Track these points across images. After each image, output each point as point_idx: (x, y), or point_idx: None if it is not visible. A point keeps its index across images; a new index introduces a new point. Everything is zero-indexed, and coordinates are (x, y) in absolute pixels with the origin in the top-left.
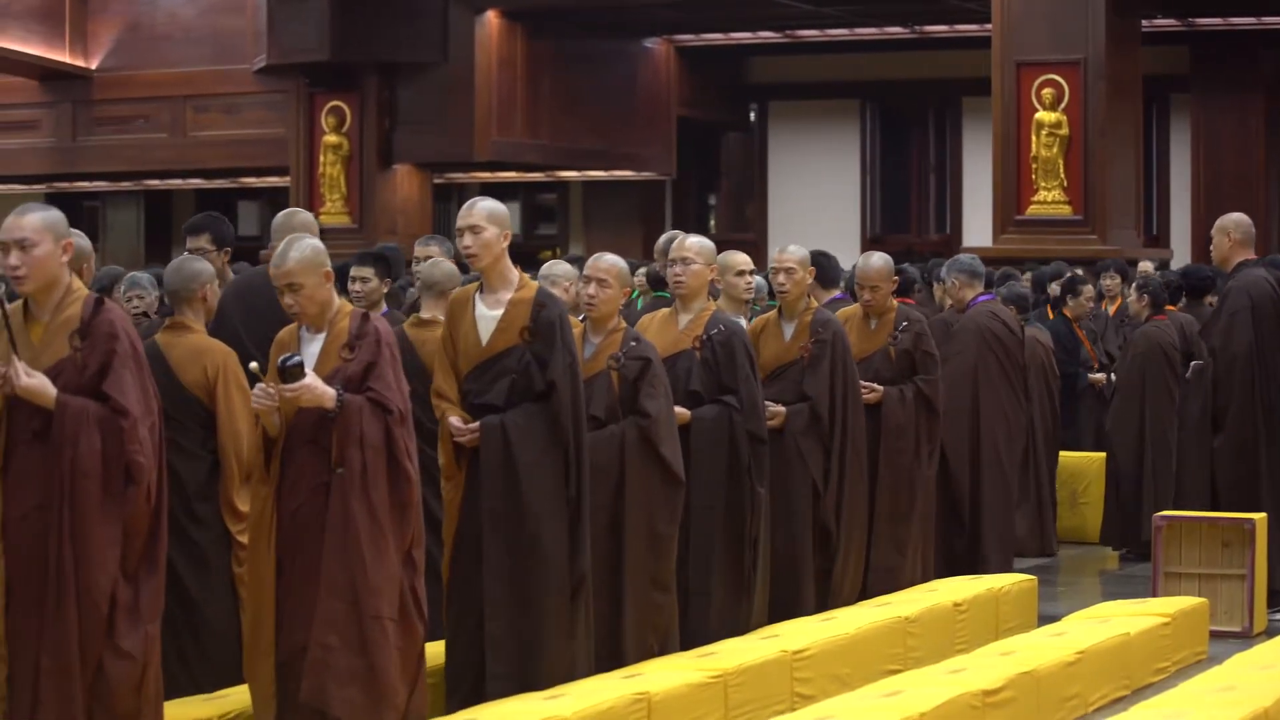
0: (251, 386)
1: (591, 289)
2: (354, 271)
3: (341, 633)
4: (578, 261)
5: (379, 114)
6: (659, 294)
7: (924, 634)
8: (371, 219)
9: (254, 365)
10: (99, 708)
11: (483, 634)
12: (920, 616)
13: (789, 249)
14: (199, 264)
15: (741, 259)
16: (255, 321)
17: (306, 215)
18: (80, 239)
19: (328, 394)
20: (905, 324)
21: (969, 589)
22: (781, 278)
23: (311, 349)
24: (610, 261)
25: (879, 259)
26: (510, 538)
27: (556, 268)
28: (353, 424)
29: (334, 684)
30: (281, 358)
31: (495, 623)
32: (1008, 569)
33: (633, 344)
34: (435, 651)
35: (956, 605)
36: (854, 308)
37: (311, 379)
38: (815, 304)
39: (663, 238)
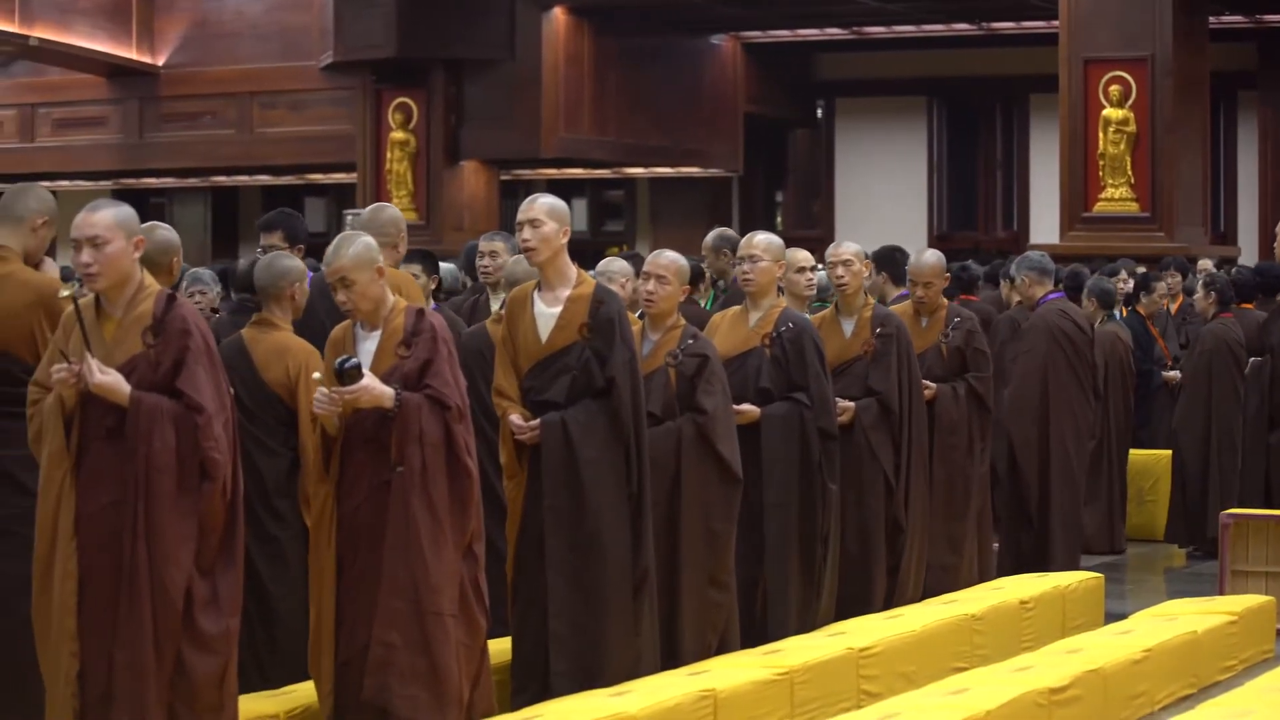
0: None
1: (650, 285)
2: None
3: (403, 631)
4: (634, 259)
5: (446, 110)
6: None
7: (990, 632)
8: (438, 216)
9: (316, 374)
10: (181, 703)
11: (547, 631)
12: (986, 614)
13: (844, 243)
14: (289, 261)
15: (803, 256)
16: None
17: (394, 211)
18: (168, 232)
19: (386, 394)
20: (957, 321)
21: (1035, 587)
22: (840, 270)
23: (367, 346)
24: (669, 258)
25: (932, 255)
26: (572, 535)
27: (613, 265)
28: (412, 422)
29: (396, 682)
30: (339, 360)
31: (558, 620)
32: (1074, 567)
33: (690, 341)
34: (501, 648)
35: (1023, 603)
36: (905, 305)
37: (369, 380)
38: (872, 300)
39: (710, 234)
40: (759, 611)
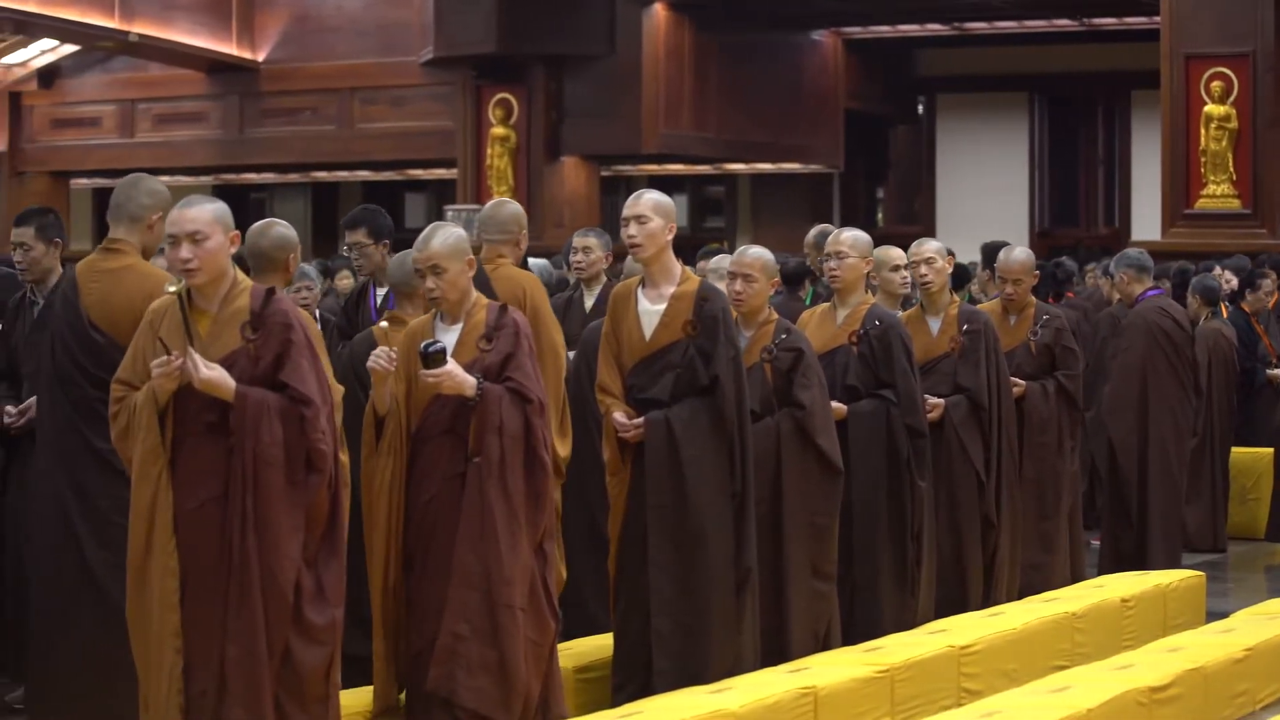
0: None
1: (738, 285)
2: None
3: (473, 622)
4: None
5: (546, 106)
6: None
7: (1091, 630)
8: (539, 212)
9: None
10: (287, 695)
11: (649, 629)
12: (1088, 613)
13: (926, 242)
14: (287, 229)
15: (896, 254)
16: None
17: (515, 207)
18: (285, 229)
19: (468, 382)
20: (1045, 319)
21: (1136, 585)
22: (924, 269)
23: (447, 339)
24: (754, 255)
25: (1021, 252)
26: (675, 532)
27: (724, 261)
28: (492, 412)
29: (463, 673)
30: (424, 343)
31: (660, 617)
32: (1175, 565)
33: (784, 336)
34: (603, 645)
35: (1124, 601)
36: (993, 303)
37: (453, 365)
38: (958, 298)
39: (812, 231)
40: (852, 610)
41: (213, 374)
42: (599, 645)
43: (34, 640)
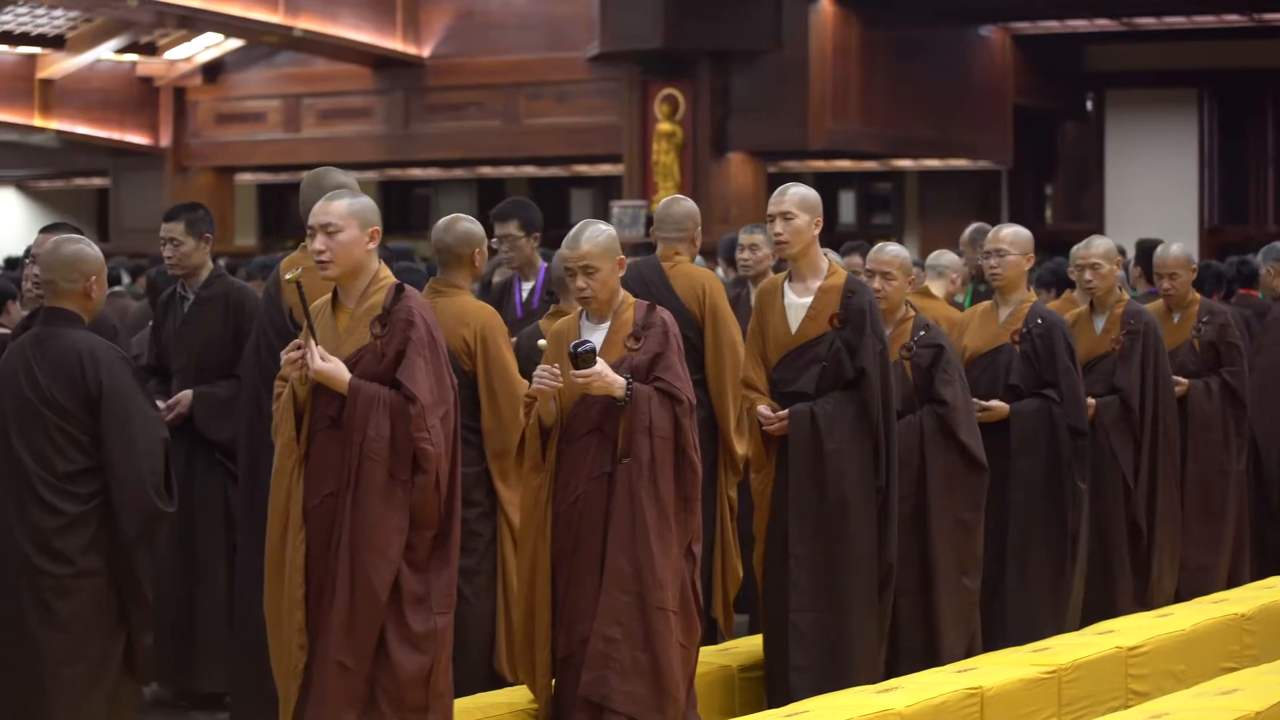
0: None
1: (877, 282)
2: None
3: (625, 625)
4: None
5: (713, 102)
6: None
7: (1260, 631)
8: (705, 208)
9: (541, 342)
10: (385, 699)
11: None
12: (1257, 614)
13: (1093, 243)
14: (473, 225)
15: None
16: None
17: (690, 204)
18: (471, 224)
19: (617, 382)
20: (1209, 316)
21: None
22: (1088, 274)
23: (594, 339)
24: (892, 253)
25: (1176, 247)
26: (817, 527)
27: (943, 258)
28: (642, 413)
29: (616, 677)
30: (573, 344)
31: (800, 613)
32: None
33: (923, 332)
34: (755, 645)
35: None
36: (1157, 303)
37: (602, 366)
38: (1126, 296)
39: (968, 229)
40: (1005, 611)
41: (327, 366)
42: (753, 645)
43: (235, 631)
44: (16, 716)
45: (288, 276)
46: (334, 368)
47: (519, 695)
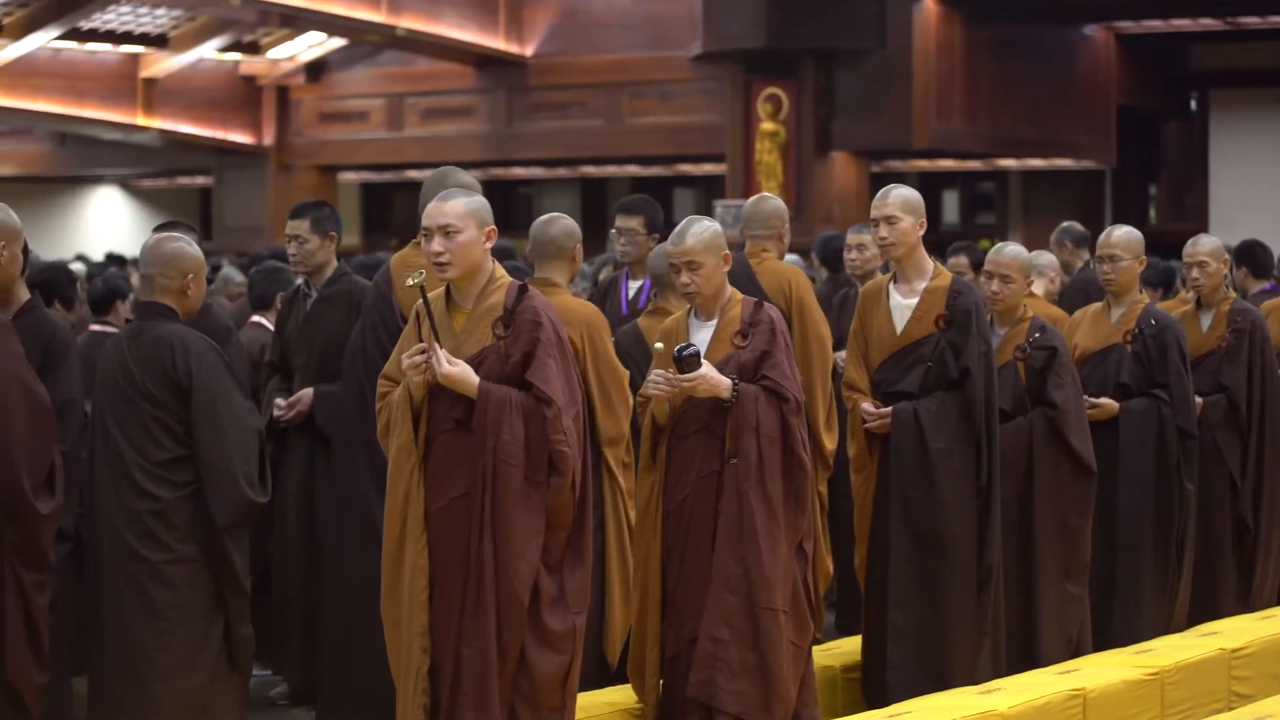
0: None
1: (995, 284)
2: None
3: (734, 625)
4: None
5: (816, 101)
6: None
7: None
8: (809, 207)
9: (658, 345)
10: (522, 701)
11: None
12: None
13: (1199, 241)
14: (571, 222)
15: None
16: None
17: (778, 202)
18: (571, 221)
19: (723, 383)
20: None
21: None
22: (1195, 273)
23: (701, 336)
24: (1011, 254)
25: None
26: (919, 526)
27: (1041, 258)
28: (749, 413)
29: (725, 677)
30: (678, 347)
31: (898, 611)
32: None
33: (1038, 334)
34: (857, 646)
35: None
36: (1272, 301)
37: (707, 368)
38: (1232, 294)
39: (1057, 229)
40: (1111, 612)
41: (455, 370)
42: (851, 648)
43: (332, 637)
44: (114, 702)
45: (410, 281)
46: (462, 372)
47: (624, 695)
